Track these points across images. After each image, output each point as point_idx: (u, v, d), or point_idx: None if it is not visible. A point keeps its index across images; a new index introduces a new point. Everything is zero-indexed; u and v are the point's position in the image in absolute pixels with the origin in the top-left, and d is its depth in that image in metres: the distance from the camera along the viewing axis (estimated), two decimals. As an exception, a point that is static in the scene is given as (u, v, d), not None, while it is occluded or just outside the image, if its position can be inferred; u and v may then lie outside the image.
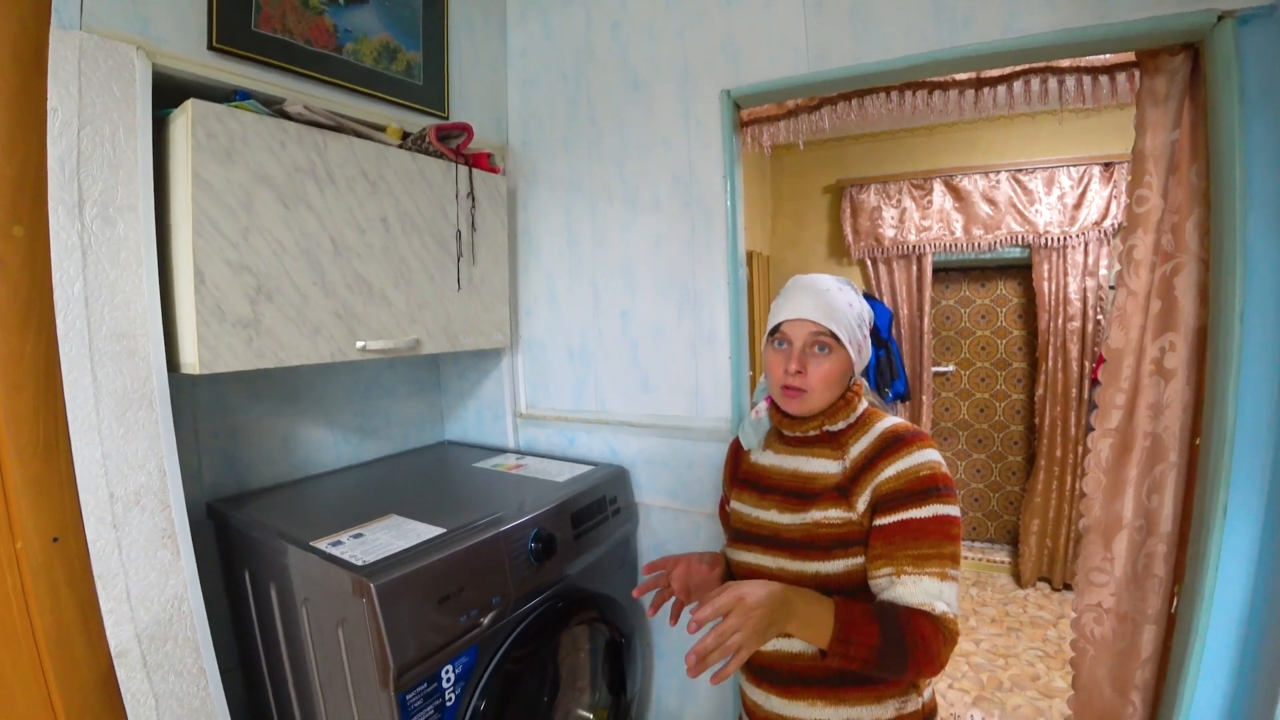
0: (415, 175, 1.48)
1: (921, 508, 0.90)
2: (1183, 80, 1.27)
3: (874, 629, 0.84)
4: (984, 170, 3.36)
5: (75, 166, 1.02)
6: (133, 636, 1.05)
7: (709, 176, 1.60)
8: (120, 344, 1.07)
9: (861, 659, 0.84)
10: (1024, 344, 3.68)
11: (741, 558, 1.07)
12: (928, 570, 0.88)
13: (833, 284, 1.04)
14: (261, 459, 1.57)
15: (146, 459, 1.09)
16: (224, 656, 1.20)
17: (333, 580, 1.07)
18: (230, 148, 1.14)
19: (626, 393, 1.79)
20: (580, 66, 1.80)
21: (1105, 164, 3.11)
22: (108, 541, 1.04)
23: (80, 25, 1.04)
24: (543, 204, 1.89)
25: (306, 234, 1.27)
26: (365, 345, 1.37)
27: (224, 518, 1.36)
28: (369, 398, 1.86)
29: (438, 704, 1.08)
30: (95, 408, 1.04)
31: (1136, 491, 1.39)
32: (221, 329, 1.14)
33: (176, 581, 1.12)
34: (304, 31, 1.36)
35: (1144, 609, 1.39)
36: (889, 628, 0.84)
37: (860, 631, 0.84)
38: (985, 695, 2.59)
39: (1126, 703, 1.42)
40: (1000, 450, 3.80)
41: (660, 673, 1.82)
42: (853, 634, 0.84)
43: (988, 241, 3.39)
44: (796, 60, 1.48)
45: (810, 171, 3.88)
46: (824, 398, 1.01)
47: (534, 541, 1.28)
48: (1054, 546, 3.40)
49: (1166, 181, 1.31)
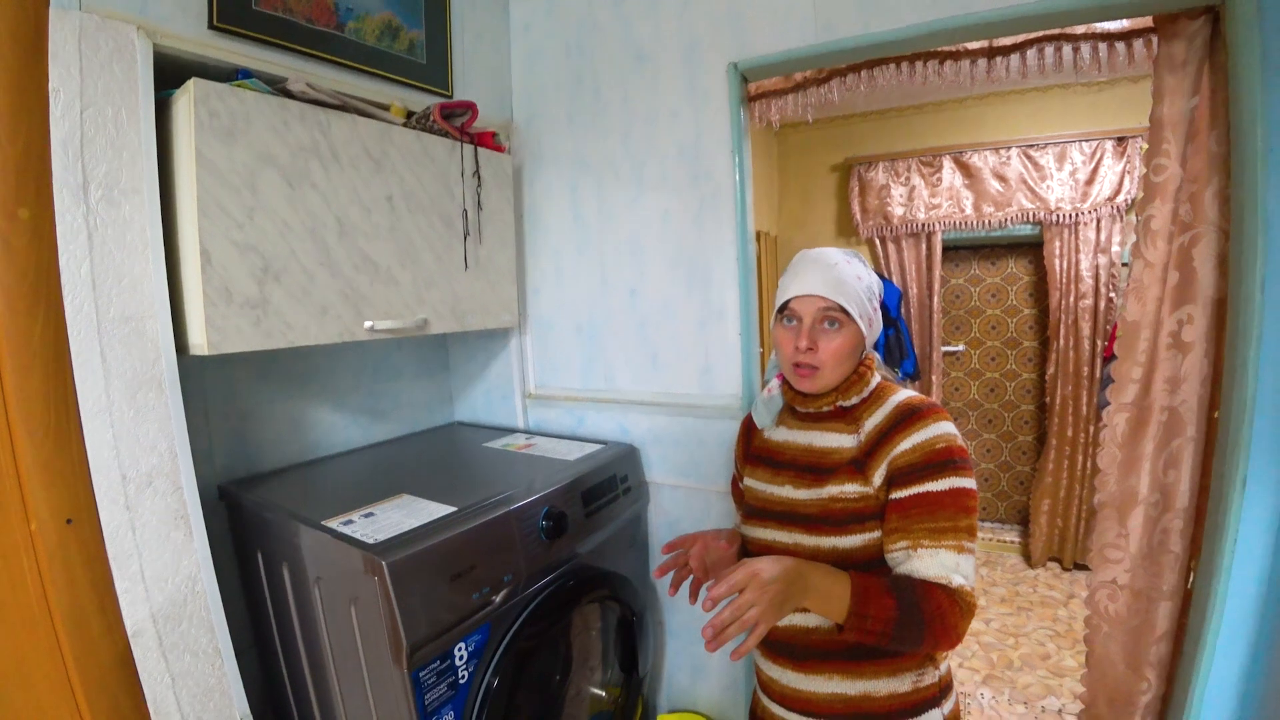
0: (420, 154, 1.47)
1: (938, 480, 0.89)
2: (1202, 45, 1.23)
3: (891, 602, 0.83)
4: (994, 146, 3.31)
5: (79, 148, 1.01)
6: (148, 616, 1.06)
7: (717, 151, 1.58)
8: (129, 326, 1.07)
9: (878, 632, 0.83)
10: (1035, 322, 3.64)
11: (756, 534, 1.07)
12: (944, 543, 0.88)
13: (840, 257, 1.02)
14: (272, 441, 1.58)
15: (157, 441, 1.09)
16: (239, 636, 1.21)
17: (345, 559, 1.07)
18: (233, 127, 1.13)
19: (636, 371, 1.78)
20: (583, 40, 1.77)
21: (1118, 138, 3.06)
22: (121, 523, 1.04)
23: (80, 5, 1.03)
24: (548, 181, 1.88)
25: (312, 213, 1.26)
26: (373, 325, 1.37)
27: (236, 499, 1.37)
28: (378, 380, 1.86)
29: (451, 681, 1.08)
30: (105, 390, 1.03)
31: (1153, 466, 1.38)
32: (229, 310, 1.14)
33: (190, 562, 1.12)
34: (305, 10, 1.34)
35: (1159, 585, 1.38)
36: (906, 600, 0.83)
37: (877, 605, 0.83)
38: (995, 674, 2.59)
39: (1140, 679, 1.41)
40: (1010, 430, 3.78)
41: (672, 650, 1.83)
42: (869, 607, 0.83)
43: (998, 219, 3.35)
44: (804, 31, 1.45)
45: (817, 150, 3.84)
46: (836, 374, 1.00)
47: (545, 520, 1.28)
48: (1064, 526, 3.39)
49: (1185, 149, 1.28)
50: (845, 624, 0.85)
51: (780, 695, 1.04)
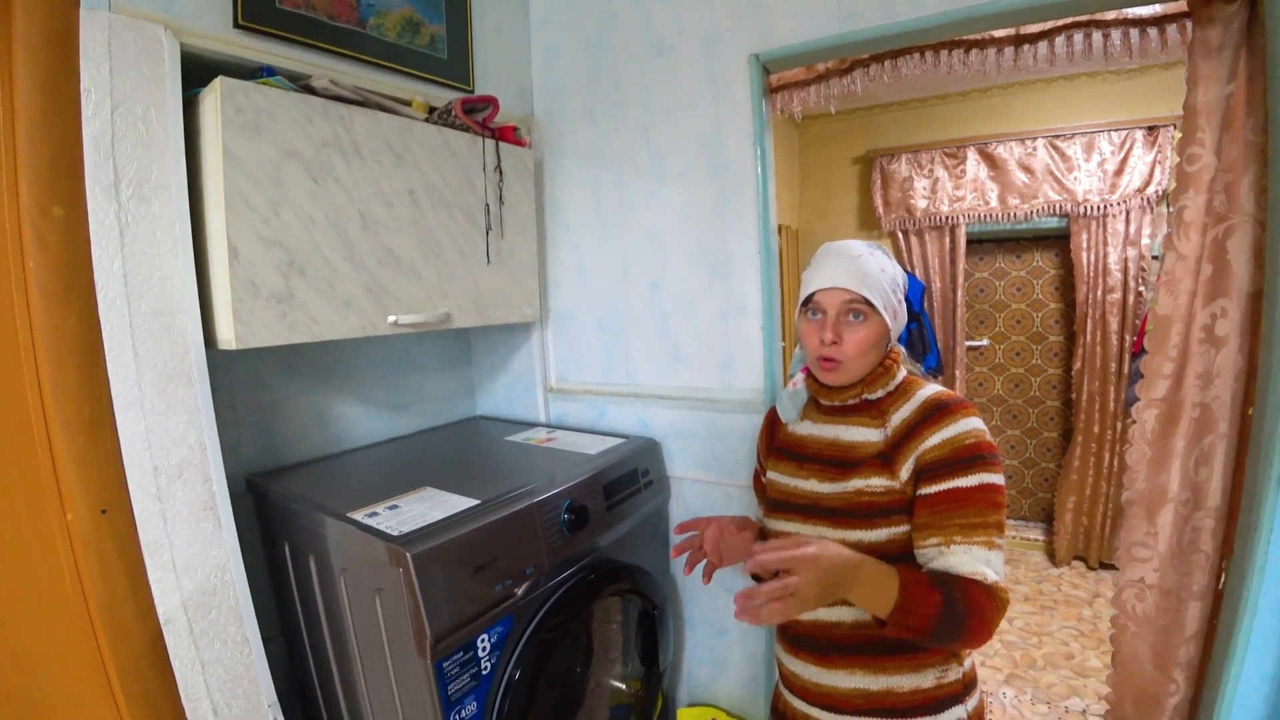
0: (441, 148, 1.47)
1: (967, 476, 0.89)
2: (1239, 29, 1.20)
3: (936, 598, 0.82)
4: (1020, 137, 3.25)
5: (110, 146, 1.03)
6: (179, 604, 1.08)
7: (738, 143, 1.57)
8: (159, 320, 1.09)
9: (919, 629, 0.82)
10: (1061, 317, 3.58)
11: (780, 527, 1.07)
12: (976, 539, 0.87)
13: (864, 249, 1.01)
14: (297, 434, 1.60)
15: (187, 433, 1.12)
16: (266, 625, 1.23)
17: (370, 550, 1.08)
18: (258, 123, 1.15)
19: (657, 364, 1.78)
20: (603, 32, 1.77)
21: (1149, 127, 2.98)
22: (153, 513, 1.07)
23: (109, 5, 1.04)
24: (569, 175, 1.88)
25: (335, 208, 1.27)
26: (396, 320, 1.38)
27: (262, 491, 1.39)
28: (401, 373, 1.88)
29: (474, 672, 1.10)
30: (137, 383, 1.06)
31: (1183, 464, 1.35)
32: (255, 304, 1.15)
33: (219, 552, 1.15)
34: (327, 7, 1.35)
35: (1189, 585, 1.35)
36: (949, 597, 0.82)
37: (922, 601, 0.82)
38: (1018, 673, 2.56)
39: (1169, 680, 1.39)
40: (1035, 426, 3.73)
41: (692, 644, 1.83)
42: (915, 604, 0.82)
43: (1024, 211, 3.29)
44: (827, 20, 1.43)
45: (838, 142, 3.80)
46: (861, 366, 1.00)
47: (566, 513, 1.29)
48: (1090, 524, 3.34)
49: (1220, 138, 1.25)
50: (889, 619, 0.83)
51: (802, 689, 1.04)
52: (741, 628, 1.71)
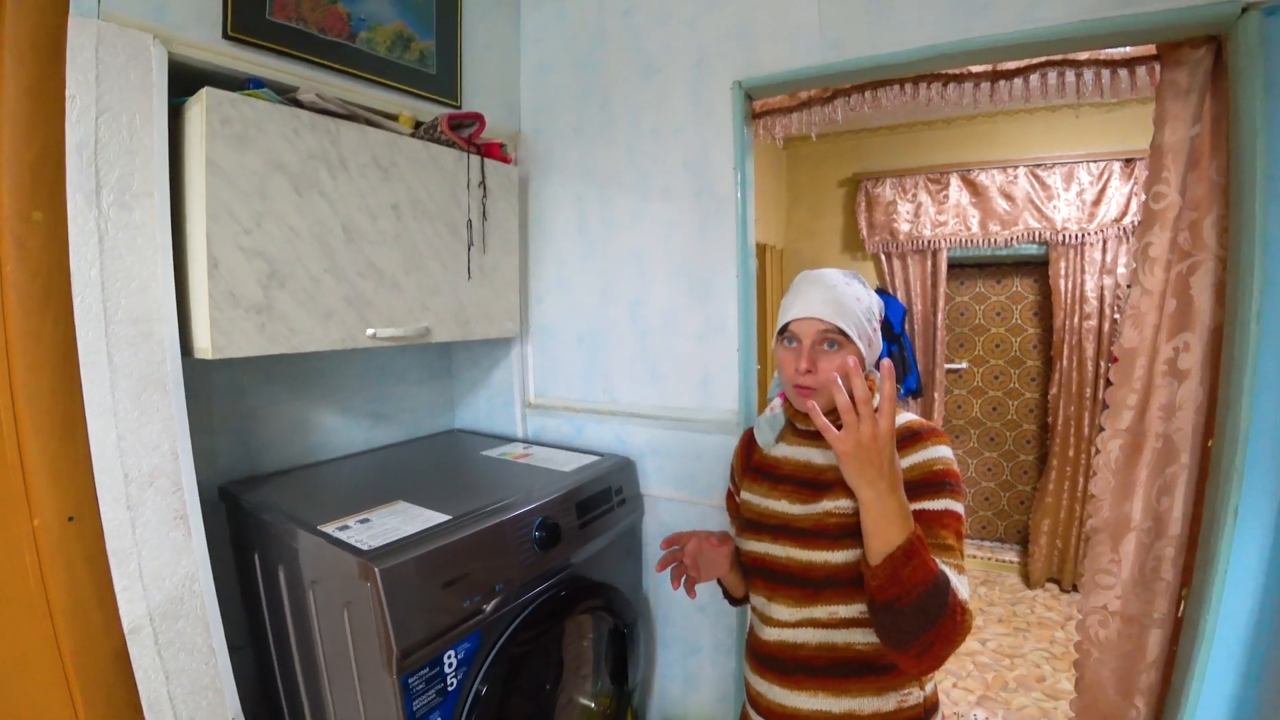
0: (427, 163, 1.49)
1: (935, 500, 0.91)
2: (1205, 73, 1.24)
3: (935, 569, 0.81)
4: (1002, 165, 3.31)
5: (93, 153, 1.04)
6: (145, 614, 1.08)
7: (720, 166, 1.60)
8: (136, 328, 1.09)
9: (907, 587, 0.81)
10: (1039, 342, 3.63)
11: (751, 547, 1.08)
12: (945, 560, 0.87)
13: (840, 279, 1.03)
14: (274, 443, 1.60)
15: (160, 441, 1.11)
16: (234, 635, 1.23)
17: (339, 563, 1.08)
18: (244, 134, 1.16)
19: (635, 383, 1.79)
20: (592, 53, 1.79)
21: (1126, 160, 3.06)
22: (122, 521, 1.06)
23: (98, 13, 1.05)
24: (554, 191, 1.90)
25: (319, 220, 1.28)
26: (376, 333, 1.39)
27: (236, 500, 1.38)
28: (381, 384, 1.88)
29: (439, 688, 1.10)
30: (111, 390, 1.06)
31: (1146, 493, 1.38)
32: (235, 314, 1.16)
33: (188, 561, 1.14)
34: (318, 20, 1.37)
35: (1151, 612, 1.38)
36: (943, 581, 0.82)
37: (924, 561, 0.81)
38: (990, 695, 2.58)
39: (1130, 706, 1.41)
40: (1012, 449, 3.77)
41: (663, 662, 1.83)
42: (917, 557, 0.81)
43: (1004, 237, 3.34)
44: (810, 50, 1.47)
45: (826, 164, 3.85)
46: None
47: (539, 529, 1.29)
48: (1064, 547, 3.37)
49: (1185, 178, 1.29)
50: (885, 558, 0.82)
51: (766, 709, 1.04)
52: (714, 646, 1.71)
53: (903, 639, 0.84)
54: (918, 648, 0.83)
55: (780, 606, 1.02)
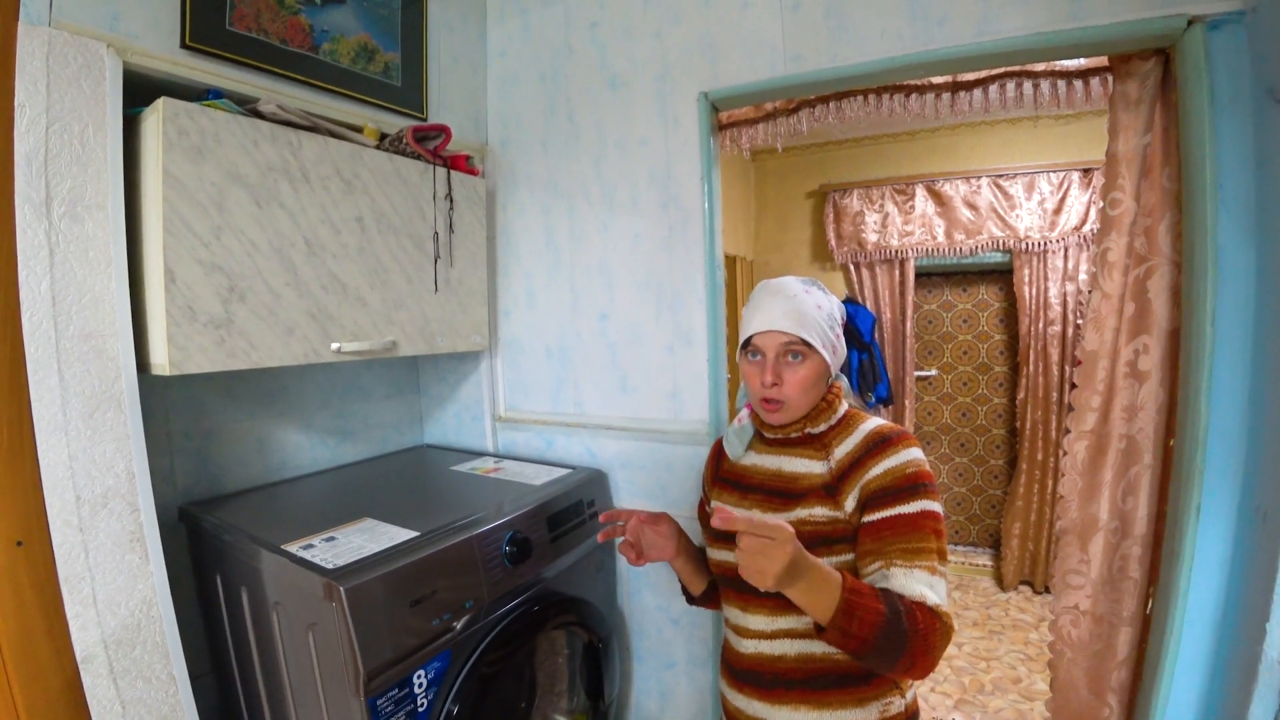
0: (392, 176, 1.47)
1: (909, 503, 0.91)
2: (1154, 84, 1.28)
3: (880, 609, 0.81)
4: (965, 175, 3.39)
5: (43, 164, 1.01)
6: (99, 641, 1.03)
7: (687, 177, 1.61)
8: (88, 344, 1.05)
9: (860, 639, 0.80)
10: (1005, 348, 3.71)
11: (721, 557, 1.07)
12: (918, 564, 0.87)
13: (799, 288, 1.03)
14: (236, 462, 1.55)
15: (115, 461, 1.08)
16: (196, 662, 1.19)
17: (304, 584, 1.05)
18: (202, 145, 1.13)
19: (605, 395, 1.78)
20: (559, 66, 1.80)
21: (1084, 170, 3.15)
22: (74, 545, 1.02)
23: (49, 21, 1.03)
24: (521, 204, 1.89)
25: (280, 233, 1.26)
26: (340, 347, 1.36)
27: (196, 521, 1.34)
28: (347, 400, 1.84)
29: (409, 709, 1.07)
30: (62, 408, 1.02)
31: (1112, 493, 1.40)
32: (192, 329, 1.13)
33: (145, 585, 1.10)
34: (279, 30, 1.35)
35: (1120, 611, 1.40)
36: (893, 610, 0.81)
37: (865, 610, 0.80)
38: (967, 698, 2.60)
39: (1103, 704, 1.42)
40: (982, 454, 3.83)
41: (639, 677, 1.81)
42: (857, 610, 0.80)
43: (969, 246, 3.42)
44: (774, 62, 1.49)
45: (794, 176, 3.90)
46: (803, 404, 1.02)
47: (509, 544, 1.27)
48: (1035, 550, 3.43)
49: (1139, 184, 1.32)
50: (829, 624, 0.81)
51: None
52: (689, 659, 1.70)
53: (883, 668, 0.87)
54: (900, 669, 0.84)
55: (755, 617, 1.02)
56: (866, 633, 0.80)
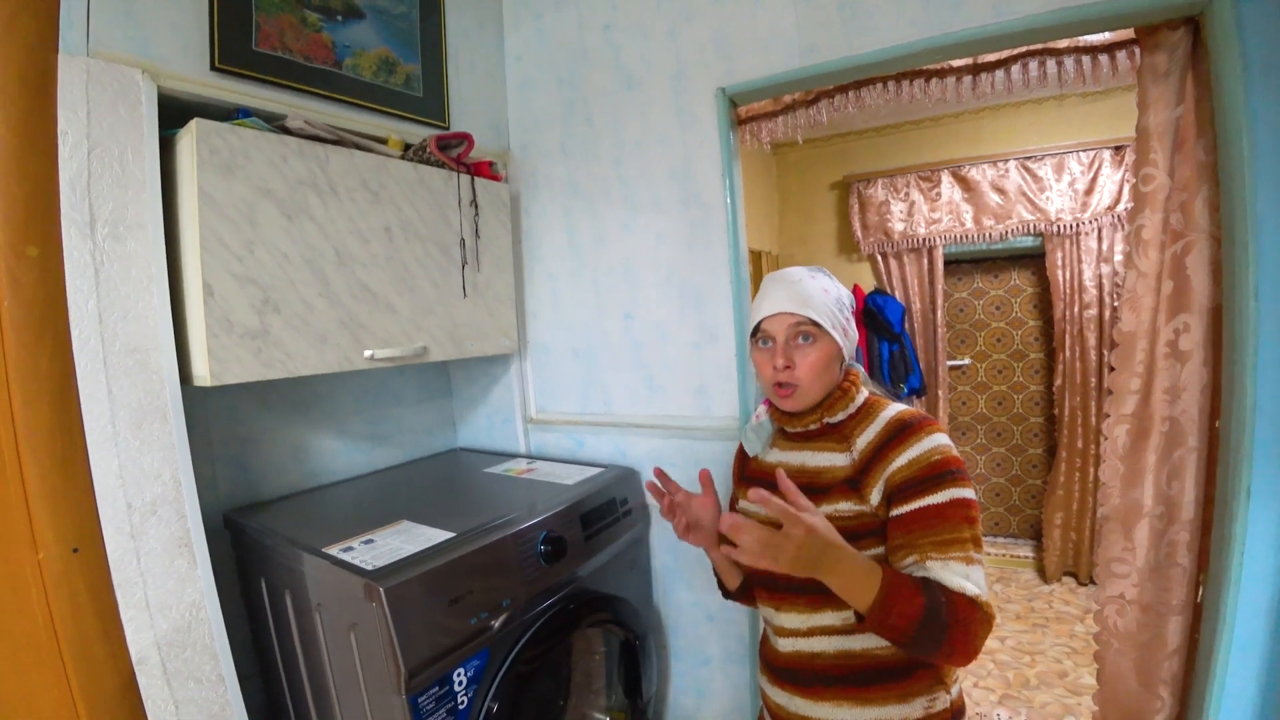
0: (417, 184, 1.50)
1: (937, 493, 0.88)
2: (1184, 55, 1.25)
3: (919, 600, 0.81)
4: (992, 159, 3.32)
5: (86, 187, 1.05)
6: (152, 644, 1.07)
7: (707, 174, 1.61)
8: (133, 358, 1.09)
9: (900, 629, 0.81)
10: (1040, 334, 3.63)
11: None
12: (952, 554, 0.86)
13: (804, 273, 1.03)
14: (274, 469, 1.59)
15: (162, 469, 1.12)
16: (243, 664, 1.22)
17: (344, 585, 1.08)
18: (233, 163, 1.17)
19: (633, 394, 1.79)
20: (574, 69, 1.81)
21: (1116, 147, 3.06)
22: (126, 551, 1.06)
23: (87, 50, 1.07)
24: (543, 207, 1.91)
25: (310, 245, 1.29)
26: (373, 354, 1.39)
27: (239, 526, 1.38)
28: (379, 405, 1.88)
29: (450, 707, 1.09)
30: (111, 420, 1.06)
31: (1156, 478, 1.36)
32: (230, 341, 1.16)
33: (193, 589, 1.14)
34: (303, 48, 1.38)
35: (1168, 599, 1.36)
36: (933, 601, 0.81)
37: (904, 600, 0.81)
38: (1012, 693, 2.54)
39: (1154, 696, 1.38)
40: (1020, 443, 3.75)
41: (676, 674, 1.81)
42: (896, 601, 0.81)
43: (999, 231, 3.35)
44: (789, 54, 1.48)
45: (816, 168, 3.87)
46: (817, 388, 1.01)
47: (543, 544, 1.29)
48: (1079, 540, 3.34)
49: (1172, 159, 1.29)
50: (867, 615, 0.83)
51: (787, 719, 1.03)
52: (724, 656, 1.69)
53: (924, 655, 0.86)
54: (941, 657, 0.84)
55: (789, 615, 1.01)
56: (905, 624, 0.81)
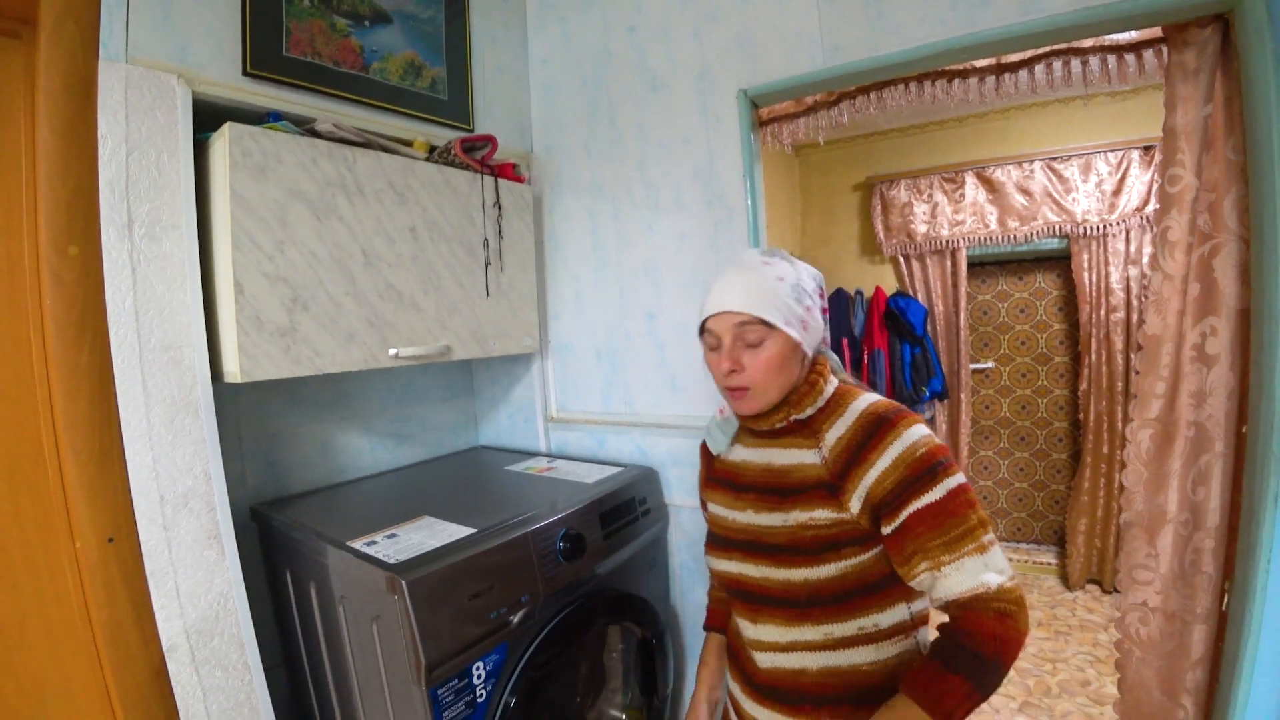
0: (442, 186, 1.53)
1: (933, 489, 0.83)
2: (1213, 52, 1.23)
3: (956, 681, 0.77)
4: (1017, 160, 3.28)
5: (124, 189, 1.09)
6: (182, 632, 1.11)
7: (730, 175, 1.61)
8: (168, 354, 1.13)
9: (968, 705, 0.77)
10: (1065, 337, 3.57)
11: (723, 567, 1.01)
12: (964, 551, 0.81)
13: (757, 260, 0.96)
14: (301, 464, 1.63)
15: (193, 463, 1.15)
16: (268, 654, 1.25)
17: (368, 578, 1.10)
18: (265, 165, 1.20)
19: (654, 394, 1.80)
20: (599, 71, 1.83)
21: (1145, 147, 3.01)
22: (158, 541, 1.09)
23: (126, 58, 1.11)
24: (567, 208, 1.93)
25: (338, 245, 1.32)
26: (398, 352, 1.42)
27: (266, 520, 1.42)
28: (404, 404, 1.91)
29: (469, 700, 1.10)
30: (146, 415, 1.10)
31: (1181, 484, 1.34)
32: (260, 338, 1.19)
33: (222, 580, 1.17)
34: (332, 53, 1.42)
35: (1193, 607, 1.34)
36: (964, 663, 0.78)
37: (950, 692, 0.77)
38: (1032, 701, 2.51)
39: (1177, 706, 1.36)
40: (1044, 448, 3.69)
41: (692, 673, 1.81)
42: (948, 700, 0.77)
43: (1024, 233, 3.30)
44: (812, 56, 1.48)
45: (838, 169, 3.85)
46: (774, 388, 0.94)
47: (562, 541, 1.30)
48: (1103, 547, 3.28)
49: (1200, 159, 1.27)
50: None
51: None
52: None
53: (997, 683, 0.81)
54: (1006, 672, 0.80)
55: (767, 628, 0.95)
56: (964, 699, 0.77)
